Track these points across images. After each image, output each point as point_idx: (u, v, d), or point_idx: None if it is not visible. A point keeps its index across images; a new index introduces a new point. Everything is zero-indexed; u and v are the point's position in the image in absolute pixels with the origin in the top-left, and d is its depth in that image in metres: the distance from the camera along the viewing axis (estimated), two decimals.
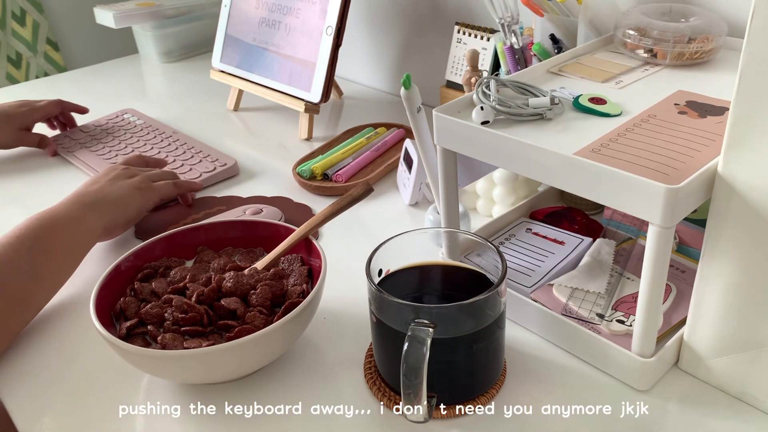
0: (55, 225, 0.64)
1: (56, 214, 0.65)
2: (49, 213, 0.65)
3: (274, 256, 0.60)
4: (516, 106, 0.54)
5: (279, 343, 0.53)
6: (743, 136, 0.42)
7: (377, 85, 1.21)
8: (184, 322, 0.53)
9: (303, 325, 0.55)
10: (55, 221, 0.64)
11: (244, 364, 0.53)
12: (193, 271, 0.60)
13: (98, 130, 1.04)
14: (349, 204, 0.63)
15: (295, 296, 0.56)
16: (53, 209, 0.66)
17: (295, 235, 0.61)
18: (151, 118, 1.08)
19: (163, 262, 0.62)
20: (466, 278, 0.55)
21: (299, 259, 0.61)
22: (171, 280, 0.59)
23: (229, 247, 0.64)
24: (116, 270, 0.58)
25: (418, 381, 0.44)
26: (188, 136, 1.01)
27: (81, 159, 0.96)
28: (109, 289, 0.57)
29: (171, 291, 0.57)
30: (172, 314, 0.54)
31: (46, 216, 0.65)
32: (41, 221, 0.64)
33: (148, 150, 0.97)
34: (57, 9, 1.67)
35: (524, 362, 0.55)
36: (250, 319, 0.53)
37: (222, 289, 0.56)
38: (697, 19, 0.65)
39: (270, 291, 0.56)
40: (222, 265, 0.60)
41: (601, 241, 0.64)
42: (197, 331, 0.53)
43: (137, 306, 0.56)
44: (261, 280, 0.57)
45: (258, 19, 1.05)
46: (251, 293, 0.56)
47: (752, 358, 0.48)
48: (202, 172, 0.89)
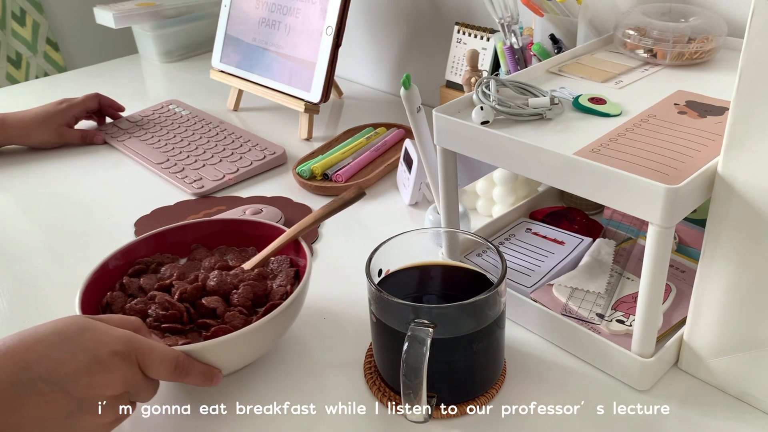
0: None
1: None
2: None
3: (262, 256, 0.60)
4: (516, 106, 0.54)
5: (256, 344, 0.53)
6: (743, 136, 0.42)
7: (377, 85, 1.21)
8: (165, 319, 0.53)
9: (283, 326, 0.55)
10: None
11: (220, 364, 0.52)
12: (183, 268, 0.60)
13: (145, 120, 1.06)
14: (340, 207, 0.63)
15: (277, 297, 0.56)
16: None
17: (284, 237, 0.61)
18: (196, 109, 1.09)
19: (156, 258, 0.62)
20: (466, 278, 0.55)
21: (288, 260, 0.61)
22: (161, 276, 0.59)
23: (222, 246, 0.64)
24: (103, 268, 0.58)
25: (418, 381, 0.44)
26: (235, 126, 1.02)
27: (130, 147, 0.97)
28: (96, 286, 0.57)
29: (157, 288, 0.57)
30: (156, 311, 0.54)
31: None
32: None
33: (197, 139, 0.99)
34: (57, 9, 1.67)
35: (524, 362, 0.55)
36: (230, 318, 0.53)
37: (206, 287, 0.56)
38: (697, 19, 0.65)
39: (252, 291, 0.56)
40: (213, 263, 0.60)
41: (601, 241, 0.64)
42: (176, 328, 0.53)
43: (124, 301, 0.56)
44: (244, 280, 0.57)
45: (258, 19, 1.05)
46: (233, 293, 0.56)
47: (752, 358, 0.48)
48: (252, 160, 0.91)
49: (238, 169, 0.89)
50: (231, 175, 0.88)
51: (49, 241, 0.78)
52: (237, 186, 0.88)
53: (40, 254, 0.76)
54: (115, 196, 0.87)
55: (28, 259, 0.74)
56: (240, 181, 0.88)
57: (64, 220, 0.81)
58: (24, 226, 0.82)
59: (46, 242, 0.78)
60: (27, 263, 0.74)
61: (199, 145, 0.97)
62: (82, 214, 0.83)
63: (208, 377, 0.50)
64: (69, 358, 0.42)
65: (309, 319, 0.62)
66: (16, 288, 0.70)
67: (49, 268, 0.72)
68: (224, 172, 0.88)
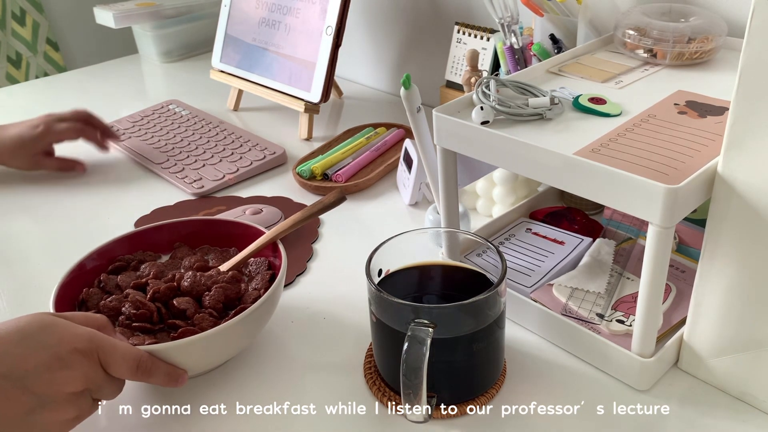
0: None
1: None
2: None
3: (239, 258, 0.60)
4: (516, 106, 0.54)
5: (223, 347, 0.53)
6: (743, 136, 0.42)
7: (377, 85, 1.21)
8: (136, 318, 0.53)
9: (252, 329, 0.55)
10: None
11: (186, 365, 0.51)
12: (162, 267, 0.60)
13: (145, 120, 1.06)
14: (320, 211, 0.63)
15: (250, 301, 0.56)
16: None
17: (262, 239, 0.60)
18: (196, 109, 1.09)
19: (137, 255, 0.62)
20: (466, 278, 0.55)
21: (267, 263, 0.61)
22: (139, 274, 0.59)
23: (205, 246, 0.64)
24: (79, 268, 0.58)
25: (418, 381, 0.44)
26: (235, 126, 1.02)
27: (130, 147, 0.97)
28: (73, 285, 0.57)
29: (133, 286, 0.57)
30: (128, 309, 0.54)
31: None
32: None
33: (197, 139, 0.99)
34: (57, 9, 1.67)
35: (524, 362, 0.55)
36: (199, 320, 0.53)
37: (180, 288, 0.56)
38: (697, 19, 0.65)
39: (224, 294, 0.56)
40: (192, 263, 0.60)
41: (601, 241, 0.64)
42: (146, 327, 0.53)
43: (100, 298, 0.56)
44: (218, 282, 0.56)
45: (258, 19, 1.05)
46: (206, 295, 0.56)
47: (752, 358, 0.48)
48: (252, 160, 0.91)
49: (238, 169, 0.89)
50: (231, 175, 0.88)
51: (49, 241, 0.78)
52: (237, 186, 0.88)
53: (40, 254, 0.76)
54: (115, 196, 0.87)
55: (27, 259, 0.74)
56: (240, 181, 0.88)
57: (65, 220, 0.81)
58: (24, 226, 0.82)
59: (46, 242, 0.78)
60: (27, 263, 0.74)
61: (199, 145, 0.97)
62: (82, 214, 0.83)
63: (172, 378, 0.50)
64: (30, 355, 0.43)
65: (309, 319, 0.62)
66: (16, 288, 0.70)
67: (49, 268, 0.72)
68: (224, 172, 0.88)
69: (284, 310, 0.62)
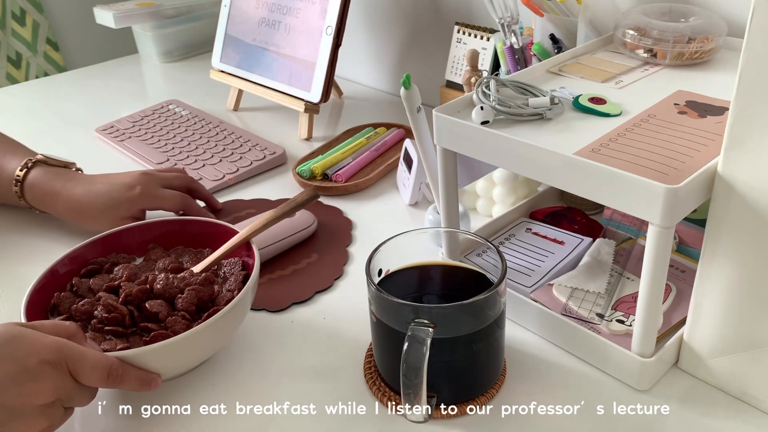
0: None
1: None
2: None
3: (212, 259, 0.59)
4: (516, 106, 0.54)
5: (196, 350, 0.53)
6: (743, 136, 0.42)
7: (377, 85, 1.21)
8: (108, 321, 0.53)
9: (225, 332, 0.54)
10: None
11: (159, 369, 0.51)
12: (135, 269, 0.59)
13: (145, 120, 1.06)
14: (293, 210, 0.62)
15: (223, 302, 0.55)
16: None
17: (234, 240, 0.59)
18: (196, 109, 1.09)
19: (111, 258, 0.61)
20: (466, 278, 0.55)
21: (241, 263, 0.60)
22: (113, 277, 0.59)
23: (179, 247, 0.64)
24: (51, 273, 0.57)
25: (418, 381, 0.44)
26: (235, 126, 1.02)
27: (130, 147, 0.97)
28: (45, 290, 0.56)
29: (105, 289, 0.56)
30: (100, 313, 0.54)
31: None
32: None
33: (197, 139, 0.99)
34: (57, 9, 1.67)
35: (524, 362, 0.55)
36: (171, 323, 0.53)
37: (153, 290, 0.55)
38: (697, 19, 0.65)
39: (197, 296, 0.55)
40: (166, 265, 0.59)
41: (601, 241, 0.64)
42: (118, 331, 0.53)
43: (72, 302, 0.56)
44: (190, 284, 0.56)
45: (258, 19, 1.05)
46: (178, 297, 0.55)
47: (752, 358, 0.48)
48: (252, 160, 0.91)
49: (238, 169, 0.89)
50: (231, 175, 0.88)
51: (49, 241, 0.78)
52: (237, 186, 0.88)
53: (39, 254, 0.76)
54: None
55: (28, 261, 0.74)
56: (240, 181, 0.88)
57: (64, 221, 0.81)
58: (24, 226, 0.82)
59: (46, 242, 0.78)
60: (27, 265, 0.74)
61: (199, 145, 0.97)
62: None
63: (144, 383, 0.49)
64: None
65: (309, 319, 0.62)
66: (16, 288, 0.70)
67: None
68: (224, 172, 0.88)
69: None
